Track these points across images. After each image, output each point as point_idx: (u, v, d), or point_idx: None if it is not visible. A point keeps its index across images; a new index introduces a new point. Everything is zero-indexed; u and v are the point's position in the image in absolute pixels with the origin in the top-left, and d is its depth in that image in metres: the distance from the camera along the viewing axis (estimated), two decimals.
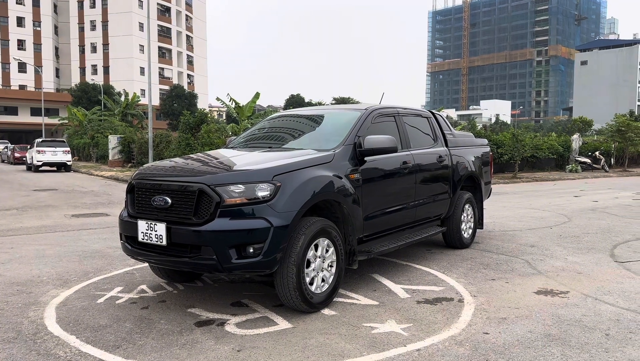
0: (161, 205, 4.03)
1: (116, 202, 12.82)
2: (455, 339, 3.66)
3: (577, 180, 21.51)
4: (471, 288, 4.94)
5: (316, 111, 5.78)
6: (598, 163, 26.68)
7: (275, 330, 3.84)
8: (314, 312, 4.19)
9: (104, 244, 7.26)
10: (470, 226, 6.84)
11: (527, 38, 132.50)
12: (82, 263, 6.02)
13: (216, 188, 3.86)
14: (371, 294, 4.73)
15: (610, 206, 11.45)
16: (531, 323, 3.98)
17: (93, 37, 74.77)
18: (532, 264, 5.88)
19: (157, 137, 24.22)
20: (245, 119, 24.35)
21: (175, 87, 67.03)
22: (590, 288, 4.93)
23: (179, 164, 4.60)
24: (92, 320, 4.05)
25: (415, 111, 6.18)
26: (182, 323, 3.98)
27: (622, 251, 6.60)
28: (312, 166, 4.30)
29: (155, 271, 5.02)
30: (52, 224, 9.16)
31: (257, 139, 5.56)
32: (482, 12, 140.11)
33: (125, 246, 4.40)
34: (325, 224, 4.23)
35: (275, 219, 3.86)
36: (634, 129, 26.24)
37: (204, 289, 4.92)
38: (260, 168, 4.06)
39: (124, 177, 20.50)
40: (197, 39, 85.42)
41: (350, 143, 4.79)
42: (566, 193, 14.99)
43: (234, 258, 3.82)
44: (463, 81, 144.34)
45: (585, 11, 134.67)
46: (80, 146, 37.50)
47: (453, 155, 6.39)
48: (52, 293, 4.79)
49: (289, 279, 3.97)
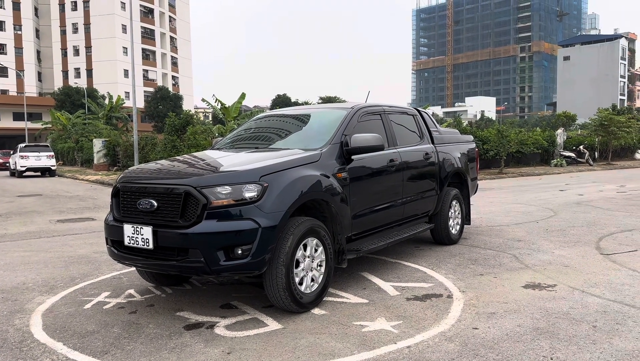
0: (147, 208, 3.99)
1: (102, 206, 12.70)
2: (444, 335, 3.67)
3: (562, 174, 21.73)
4: (460, 283, 4.96)
5: (302, 111, 5.76)
6: (582, 157, 27.00)
7: (265, 331, 3.83)
8: (304, 312, 4.18)
9: (90, 249, 7.18)
10: (457, 222, 6.87)
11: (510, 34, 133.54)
12: (68, 269, 5.95)
13: (202, 190, 3.84)
14: (361, 292, 4.73)
15: (595, 199, 11.58)
16: (520, 317, 4.00)
17: (75, 40, 73.94)
18: (520, 259, 5.92)
19: (142, 140, 24.04)
20: (232, 120, 24.25)
21: (160, 89, 66.53)
22: (577, 281, 4.97)
23: (165, 166, 4.56)
24: (79, 326, 4.00)
25: (401, 109, 6.19)
26: (171, 327, 3.95)
27: (607, 244, 6.67)
28: (299, 165, 4.29)
29: (143, 275, 4.98)
30: (37, 230, 9.05)
31: (244, 140, 5.53)
32: (466, 10, 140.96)
33: (111, 250, 4.35)
34: (313, 223, 4.22)
35: (263, 220, 3.84)
36: (617, 123, 26.59)
37: (193, 292, 4.89)
38: (247, 169, 4.04)
39: (110, 181, 20.32)
40: (181, 40, 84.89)
41: (337, 142, 4.79)
42: (552, 187, 15.14)
43: (222, 260, 3.79)
44: (448, 78, 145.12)
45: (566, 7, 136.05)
46: (64, 150, 37.11)
47: (439, 152, 6.42)
48: (38, 300, 4.73)
49: (278, 279, 3.96)
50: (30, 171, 25.92)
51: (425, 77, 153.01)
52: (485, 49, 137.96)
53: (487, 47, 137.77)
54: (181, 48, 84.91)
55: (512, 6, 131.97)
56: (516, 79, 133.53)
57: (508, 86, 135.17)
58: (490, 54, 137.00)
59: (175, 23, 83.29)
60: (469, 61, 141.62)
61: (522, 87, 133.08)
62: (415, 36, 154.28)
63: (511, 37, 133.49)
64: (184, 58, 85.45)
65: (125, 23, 72.27)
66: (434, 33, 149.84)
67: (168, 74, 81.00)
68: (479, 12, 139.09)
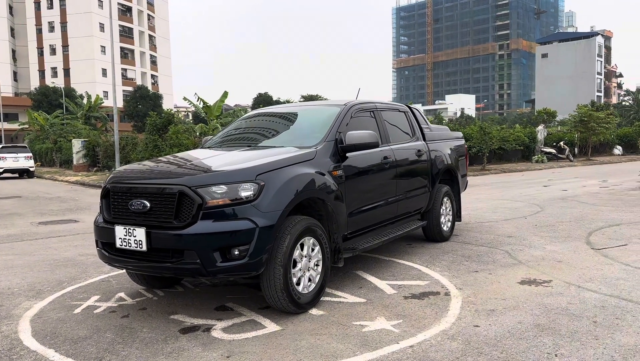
0: (139, 209, 3.87)
1: (84, 208, 12.44)
2: (446, 333, 3.63)
3: (543, 170, 21.97)
4: (456, 280, 4.93)
5: (294, 108, 5.68)
6: (563, 153, 27.34)
7: (264, 333, 3.74)
8: (301, 313, 4.10)
9: (76, 251, 7.00)
10: (449, 219, 6.86)
11: (489, 32, 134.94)
12: (54, 272, 5.78)
13: (197, 190, 3.73)
14: (357, 291, 4.67)
15: (579, 195, 11.70)
16: (519, 313, 3.98)
17: (52, 39, 72.63)
18: (513, 255, 5.92)
19: (122, 140, 23.66)
20: (214, 119, 24.00)
21: (139, 88, 65.72)
22: (572, 276, 4.98)
23: (157, 166, 4.43)
24: (70, 332, 3.87)
25: (392, 106, 6.15)
26: (166, 331, 3.84)
27: (597, 239, 6.71)
28: (295, 163, 4.21)
29: (133, 278, 4.85)
30: (18, 233, 8.81)
31: (235, 139, 5.42)
32: (445, 8, 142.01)
33: (101, 253, 4.22)
34: (310, 222, 4.15)
35: (260, 219, 3.75)
36: (596, 119, 26.98)
37: (185, 294, 4.78)
38: (243, 167, 3.94)
39: (90, 182, 19.97)
40: (160, 39, 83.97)
41: (331, 139, 4.72)
42: (535, 183, 15.28)
43: (219, 262, 3.69)
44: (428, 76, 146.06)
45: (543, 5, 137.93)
46: (42, 151, 36.41)
47: (431, 149, 6.39)
48: (24, 305, 4.57)
49: (276, 280, 3.87)
50: (8, 172, 25.33)
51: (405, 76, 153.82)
52: (464, 47, 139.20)
53: (466, 45, 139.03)
54: (160, 46, 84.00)
55: (490, 4, 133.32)
56: (495, 76, 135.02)
57: (487, 83, 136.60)
58: (470, 52, 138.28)
59: (154, 21, 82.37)
60: (448, 59, 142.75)
61: (500, 85, 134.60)
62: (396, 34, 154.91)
63: (490, 35, 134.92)
64: (163, 57, 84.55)
65: (102, 21, 71.21)
66: (414, 31, 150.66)
67: (147, 73, 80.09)
68: (458, 11, 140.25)
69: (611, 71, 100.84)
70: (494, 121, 57.90)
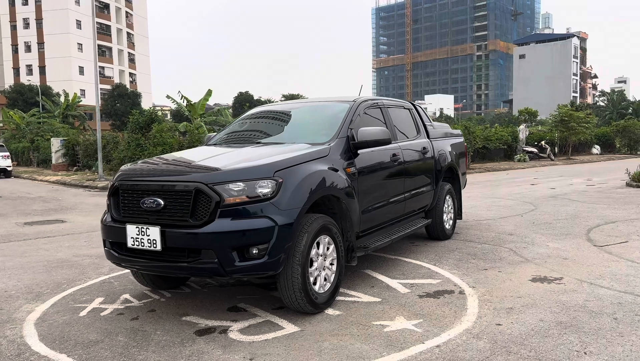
0: (152, 207, 3.72)
1: (68, 207, 12.13)
2: (470, 332, 3.57)
3: (526, 169, 22.23)
4: (467, 279, 4.89)
5: (300, 104, 5.58)
6: (544, 152, 27.71)
7: (283, 334, 3.64)
8: (318, 313, 4.01)
9: (69, 252, 6.78)
10: (450, 217, 6.83)
11: (467, 33, 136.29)
12: (51, 274, 5.57)
13: (215, 187, 3.60)
14: (370, 290, 4.59)
15: (568, 193, 11.82)
16: (539, 311, 3.95)
17: (27, 36, 70.97)
18: (518, 252, 5.91)
19: (104, 139, 23.17)
20: (198, 117, 23.70)
21: (118, 86, 64.58)
22: (582, 273, 4.98)
23: (168, 163, 4.29)
24: (80, 336, 3.70)
25: (397, 103, 6.09)
26: (181, 333, 3.70)
27: (597, 236, 6.75)
28: (311, 160, 4.11)
29: (139, 279, 4.68)
30: (4, 234, 8.52)
31: (242, 135, 5.29)
32: (424, 9, 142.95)
33: (110, 253, 4.05)
34: (326, 220, 4.05)
35: (279, 217, 3.64)
36: (576, 118, 27.40)
37: (194, 295, 4.64)
38: (261, 164, 3.82)
39: (72, 182, 19.53)
40: (138, 37, 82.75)
41: (343, 136, 4.63)
42: (522, 182, 15.42)
43: (237, 261, 3.57)
44: (407, 77, 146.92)
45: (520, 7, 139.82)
46: (19, 150, 35.47)
47: (435, 146, 6.35)
48: (26, 308, 4.38)
49: (294, 280, 3.77)
50: None
51: (385, 76, 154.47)
52: (443, 48, 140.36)
53: (444, 45, 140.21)
54: (138, 44, 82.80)
55: (468, 5, 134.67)
56: (473, 77, 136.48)
57: (465, 84, 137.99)
58: (448, 52, 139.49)
59: (132, 19, 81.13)
60: (427, 60, 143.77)
61: (478, 85, 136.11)
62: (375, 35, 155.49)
63: (468, 36, 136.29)
64: (141, 55, 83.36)
65: (79, 18, 69.94)
66: (393, 32, 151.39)
67: (125, 71, 78.88)
68: (436, 12, 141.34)
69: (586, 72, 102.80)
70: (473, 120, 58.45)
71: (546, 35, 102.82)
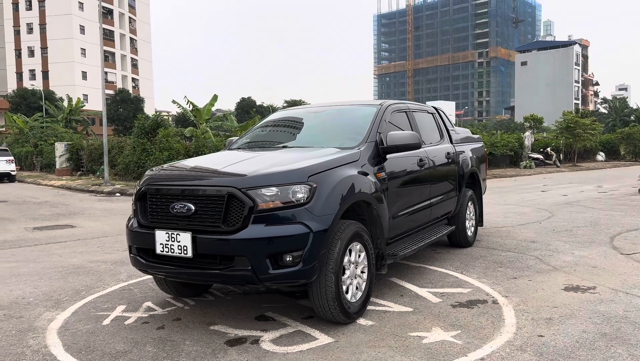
0: (183, 213, 3.59)
1: (77, 213, 12.00)
2: (513, 344, 3.43)
3: (533, 176, 22.11)
4: (498, 288, 4.75)
5: (324, 108, 5.46)
6: (550, 159, 27.63)
7: (318, 345, 3.50)
8: (350, 323, 3.87)
9: (82, 258, 6.65)
10: (472, 223, 6.70)
11: (469, 40, 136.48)
12: (67, 281, 5.44)
13: (248, 192, 3.48)
14: (400, 300, 4.46)
15: (581, 200, 11.69)
16: (579, 322, 3.81)
17: (30, 41, 71.07)
18: (544, 261, 5.78)
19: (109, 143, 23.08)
20: (204, 123, 23.60)
21: (121, 91, 64.58)
22: (615, 282, 4.84)
23: (195, 167, 4.17)
24: (106, 346, 3.57)
25: (421, 107, 5.97)
26: (211, 343, 3.57)
27: (622, 243, 6.62)
28: (343, 165, 3.99)
29: (161, 286, 4.54)
30: (14, 239, 8.39)
31: (266, 140, 5.17)
32: (425, 16, 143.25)
33: (136, 259, 3.91)
34: (358, 227, 3.93)
35: (314, 223, 3.51)
36: (582, 125, 27.32)
37: (218, 303, 4.50)
38: (294, 168, 3.69)
39: (77, 187, 19.42)
40: (141, 42, 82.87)
41: (372, 140, 4.51)
42: (532, 188, 15.29)
43: (271, 269, 3.44)
44: (409, 83, 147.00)
45: (521, 14, 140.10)
46: (22, 154, 35.41)
47: (458, 152, 6.23)
48: (46, 317, 4.24)
49: (328, 288, 3.64)
50: None
51: (386, 82, 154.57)
52: (444, 55, 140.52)
53: (446, 52, 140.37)
54: (141, 50, 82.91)
55: (470, 13, 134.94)
56: (474, 83, 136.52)
57: (467, 90, 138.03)
58: (450, 59, 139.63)
59: (135, 24, 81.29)
60: (429, 66, 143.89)
61: (480, 92, 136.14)
62: (377, 41, 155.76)
63: (469, 43, 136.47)
64: (144, 60, 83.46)
65: (83, 24, 70.08)
66: (394, 38, 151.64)
67: (128, 76, 78.94)
68: (438, 19, 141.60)
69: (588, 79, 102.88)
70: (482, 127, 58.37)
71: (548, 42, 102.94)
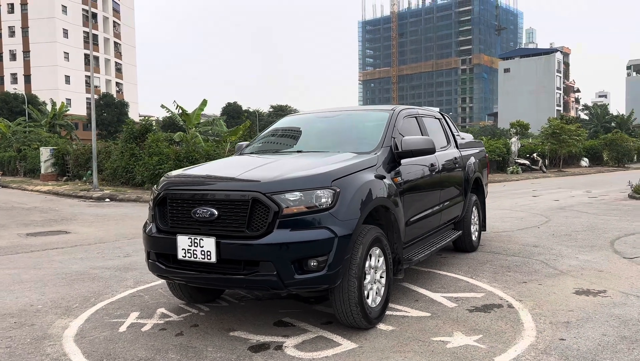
0: (205, 217, 3.56)
1: (68, 218, 11.81)
2: (537, 348, 3.45)
3: (521, 181, 22.34)
4: (510, 292, 4.78)
5: (335, 113, 5.46)
6: (536, 165, 27.96)
7: (343, 350, 3.48)
8: (371, 328, 3.86)
9: (84, 264, 6.54)
10: (476, 228, 6.75)
11: (452, 47, 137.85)
12: (73, 287, 5.34)
13: (273, 196, 3.46)
14: (416, 304, 4.46)
15: (573, 205, 11.83)
16: (597, 325, 3.85)
17: (12, 44, 69.99)
18: (550, 265, 5.83)
19: None
20: (193, 127, 23.43)
21: (104, 95, 63.99)
22: (624, 286, 4.91)
23: (215, 171, 4.13)
24: (127, 353, 3.51)
25: (429, 112, 6.01)
26: (234, 349, 3.53)
27: (623, 248, 6.71)
28: (362, 169, 3.99)
29: (175, 291, 4.48)
30: (9, 245, 8.23)
31: (279, 144, 5.16)
32: (410, 23, 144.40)
33: (155, 265, 3.85)
34: (378, 232, 3.93)
35: (339, 228, 3.51)
36: (568, 131, 27.71)
37: (233, 308, 4.46)
38: (318, 173, 3.68)
39: (65, 192, 19.13)
40: (125, 46, 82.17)
41: (387, 145, 4.52)
42: (522, 193, 15.45)
43: (296, 274, 3.42)
44: (393, 89, 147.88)
45: (504, 22, 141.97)
46: (4, 159, 34.78)
47: (464, 157, 6.27)
48: (59, 324, 4.16)
49: (350, 293, 3.63)
50: None
51: (371, 88, 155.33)
52: (428, 61, 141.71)
53: (430, 59, 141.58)
54: (125, 54, 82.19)
55: (453, 20, 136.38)
56: (458, 90, 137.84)
57: (450, 97, 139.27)
58: (433, 66, 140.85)
59: (119, 28, 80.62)
60: (413, 73, 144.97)
61: (463, 98, 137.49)
62: (362, 47, 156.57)
63: (453, 50, 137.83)
64: (128, 64, 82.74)
65: (66, 27, 69.29)
66: (379, 45, 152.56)
67: (112, 80, 78.16)
68: (422, 26, 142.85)
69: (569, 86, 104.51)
70: None
71: (530, 50, 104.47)
